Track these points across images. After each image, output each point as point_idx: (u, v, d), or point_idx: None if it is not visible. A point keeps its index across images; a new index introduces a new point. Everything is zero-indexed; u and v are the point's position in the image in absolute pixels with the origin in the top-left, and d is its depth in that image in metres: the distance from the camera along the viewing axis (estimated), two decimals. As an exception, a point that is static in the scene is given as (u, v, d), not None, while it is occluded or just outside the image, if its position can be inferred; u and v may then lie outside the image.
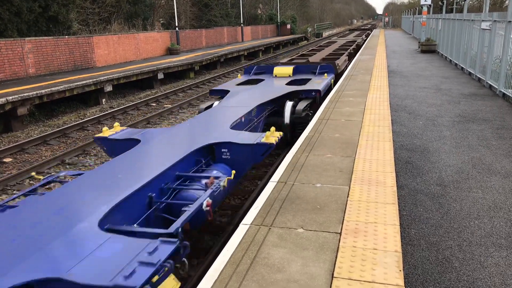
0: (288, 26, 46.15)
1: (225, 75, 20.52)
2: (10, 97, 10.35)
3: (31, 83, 12.68)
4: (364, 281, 2.62)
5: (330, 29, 67.57)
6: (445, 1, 24.20)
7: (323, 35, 52.55)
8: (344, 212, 3.52)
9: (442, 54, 17.94)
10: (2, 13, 14.46)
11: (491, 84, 9.89)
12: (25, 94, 10.77)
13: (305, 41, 44.36)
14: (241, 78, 10.21)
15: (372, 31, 41.71)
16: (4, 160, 8.38)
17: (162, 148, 4.68)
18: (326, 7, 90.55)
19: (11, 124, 10.68)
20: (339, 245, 3.02)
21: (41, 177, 4.25)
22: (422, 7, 25.09)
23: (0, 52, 13.09)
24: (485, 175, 4.72)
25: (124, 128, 5.57)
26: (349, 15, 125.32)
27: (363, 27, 52.31)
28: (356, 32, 37.32)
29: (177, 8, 25.18)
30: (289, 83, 8.96)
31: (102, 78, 13.70)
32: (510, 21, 8.78)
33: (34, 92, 11.06)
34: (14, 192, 6.88)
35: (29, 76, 14.13)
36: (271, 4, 50.25)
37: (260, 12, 49.34)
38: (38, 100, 11.31)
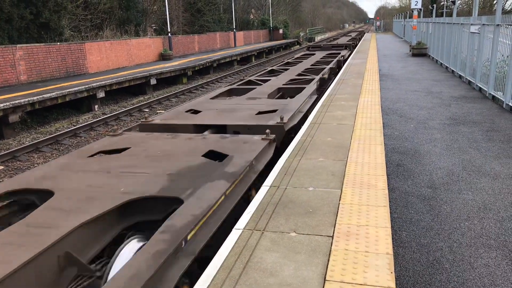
0: (281, 31, 46.39)
1: (218, 80, 20.56)
2: (2, 105, 10.30)
3: (23, 90, 12.63)
4: (356, 283, 2.64)
5: (322, 33, 67.98)
6: (435, 5, 24.47)
7: (316, 40, 52.85)
8: (336, 215, 3.55)
9: (433, 57, 18.12)
10: (-7, 20, 14.42)
11: (481, 86, 10.02)
12: (16, 101, 10.73)
13: (298, 46, 44.58)
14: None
15: (354, 48, 24.32)
16: (-4, 168, 8.33)
17: None
18: (318, 12, 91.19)
19: (3, 132, 10.63)
20: (331, 248, 3.04)
21: None
22: (412, 11, 25.36)
23: (-9, 59, 13.04)
24: (475, 177, 4.78)
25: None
26: (341, 20, 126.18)
27: (335, 46, 22.60)
28: (322, 54, 17.66)
29: (169, 13, 25.24)
30: None
31: (94, 84, 13.68)
32: (498, 25, 8.91)
33: (26, 99, 11.02)
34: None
35: (20, 83, 14.07)
36: (264, 9, 50.51)
37: (252, 17, 49.57)
38: (30, 107, 11.26)
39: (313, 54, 17.80)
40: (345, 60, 16.73)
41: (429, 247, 3.38)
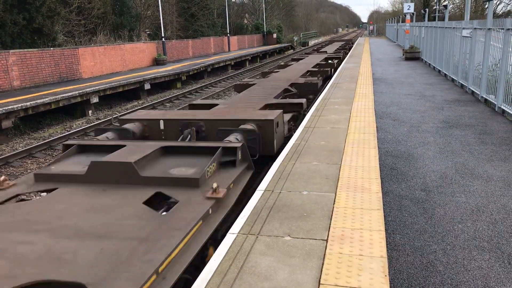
0: (274, 36, 46.54)
1: (212, 84, 20.58)
2: (-6, 110, 10.24)
3: (16, 95, 12.56)
4: (350, 287, 2.64)
5: (316, 38, 68.30)
6: (427, 9, 24.70)
7: (309, 44, 53.07)
8: (331, 219, 3.56)
9: (425, 61, 18.26)
10: (-15, 26, 14.36)
11: (473, 90, 10.10)
12: (9, 107, 10.67)
13: (291, 50, 44.73)
14: None
15: (321, 91, 10.62)
16: (-11, 174, 8.28)
17: None
18: (312, 16, 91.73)
19: (-4, 138, 10.56)
20: (325, 252, 3.05)
21: None
22: (405, 15, 25.58)
23: (-17, 65, 12.97)
24: (468, 179, 4.81)
25: None
26: (334, 24, 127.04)
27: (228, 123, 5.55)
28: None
29: (163, 18, 25.26)
30: None
31: (88, 89, 13.64)
32: (489, 29, 9.00)
33: (19, 105, 10.96)
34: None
35: (13, 88, 14.00)
36: (257, 14, 50.70)
37: (246, 22, 49.74)
38: (23, 113, 11.19)
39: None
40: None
41: (423, 249, 3.39)
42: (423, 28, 19.49)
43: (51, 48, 16.02)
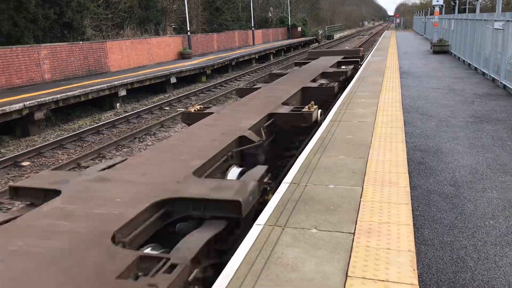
0: (299, 29, 46.18)
1: (237, 78, 20.63)
2: (27, 102, 10.57)
3: (47, 88, 12.93)
4: (378, 280, 2.64)
5: (341, 31, 67.40)
6: (457, 1, 24.01)
7: (335, 37, 52.44)
8: (358, 213, 3.54)
9: (454, 54, 17.79)
10: (18, 21, 14.79)
11: (505, 84, 9.80)
12: (41, 99, 11.00)
13: (316, 43, 44.31)
14: None
15: None
16: (22, 163, 8.57)
17: None
18: (337, 10, 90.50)
19: (28, 129, 10.91)
20: (352, 244, 3.04)
21: None
22: (434, 8, 24.92)
23: (17, 58, 13.39)
24: (500, 175, 4.69)
25: None
26: (360, 17, 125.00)
27: None
28: None
29: (188, 12, 25.42)
30: None
31: (116, 82, 13.90)
32: (524, 20, 8.70)
33: (50, 97, 11.28)
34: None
35: (45, 81, 14.40)
36: (282, 7, 50.38)
37: (271, 15, 49.48)
38: (54, 105, 11.52)
39: None
40: None
41: (453, 245, 3.34)
42: (453, 21, 18.96)
43: (80, 42, 16.39)
